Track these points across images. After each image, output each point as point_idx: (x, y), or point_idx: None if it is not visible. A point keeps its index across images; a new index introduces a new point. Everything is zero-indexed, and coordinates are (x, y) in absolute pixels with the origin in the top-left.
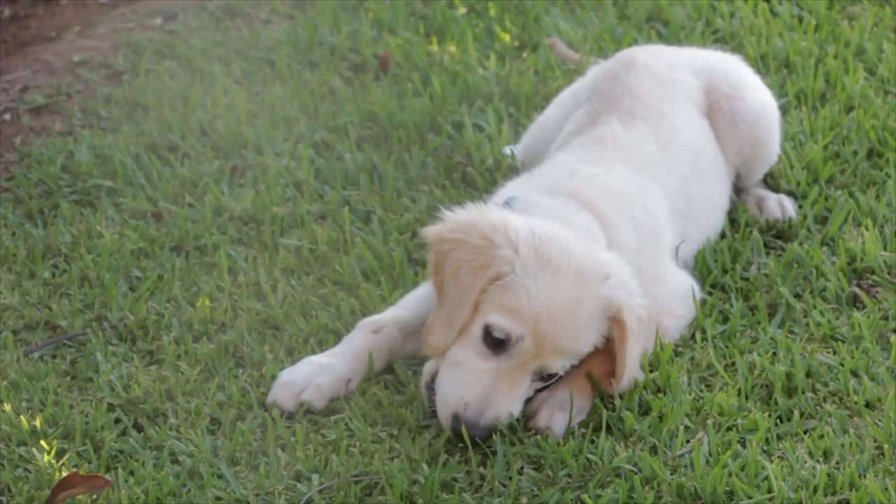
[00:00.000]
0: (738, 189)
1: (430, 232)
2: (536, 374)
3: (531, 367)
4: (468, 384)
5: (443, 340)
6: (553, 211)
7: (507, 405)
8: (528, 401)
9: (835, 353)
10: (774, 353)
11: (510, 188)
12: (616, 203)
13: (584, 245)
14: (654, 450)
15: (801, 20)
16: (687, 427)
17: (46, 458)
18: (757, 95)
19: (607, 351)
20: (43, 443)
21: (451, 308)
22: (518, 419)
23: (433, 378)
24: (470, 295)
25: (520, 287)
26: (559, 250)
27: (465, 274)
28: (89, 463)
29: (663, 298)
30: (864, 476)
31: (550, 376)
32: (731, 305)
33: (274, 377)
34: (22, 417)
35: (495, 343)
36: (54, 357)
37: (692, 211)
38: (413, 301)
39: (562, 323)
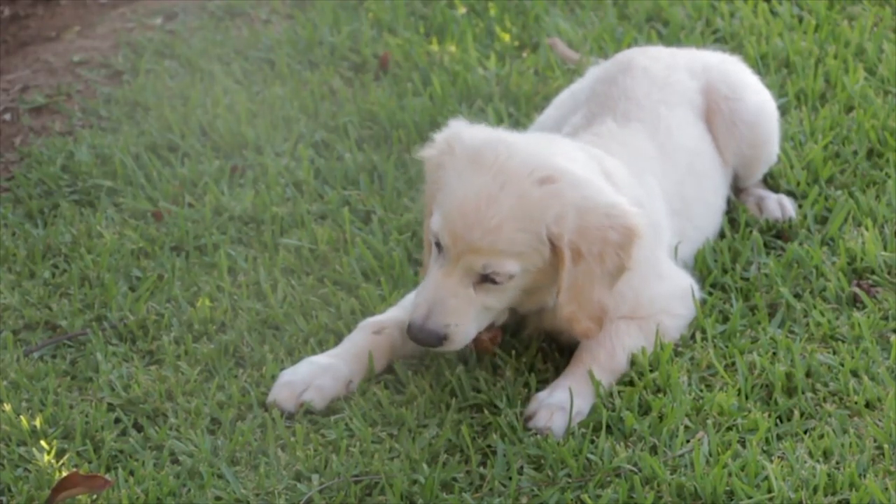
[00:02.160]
0: (738, 189)
1: (421, 155)
2: (475, 275)
3: (461, 266)
4: (419, 290)
5: (425, 258)
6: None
7: (456, 312)
8: (528, 401)
9: (835, 353)
10: (774, 353)
11: None
12: (615, 173)
13: (535, 147)
14: (654, 450)
15: (801, 20)
16: (687, 427)
17: (46, 458)
18: (756, 96)
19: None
20: (43, 443)
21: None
22: (517, 418)
23: None
24: (427, 207)
25: (445, 186)
26: (494, 149)
27: (427, 188)
28: (89, 463)
29: (663, 296)
30: (864, 476)
31: (496, 279)
32: (731, 305)
33: (274, 377)
34: (22, 417)
35: (438, 246)
36: (54, 357)
37: (689, 212)
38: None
39: (472, 219)
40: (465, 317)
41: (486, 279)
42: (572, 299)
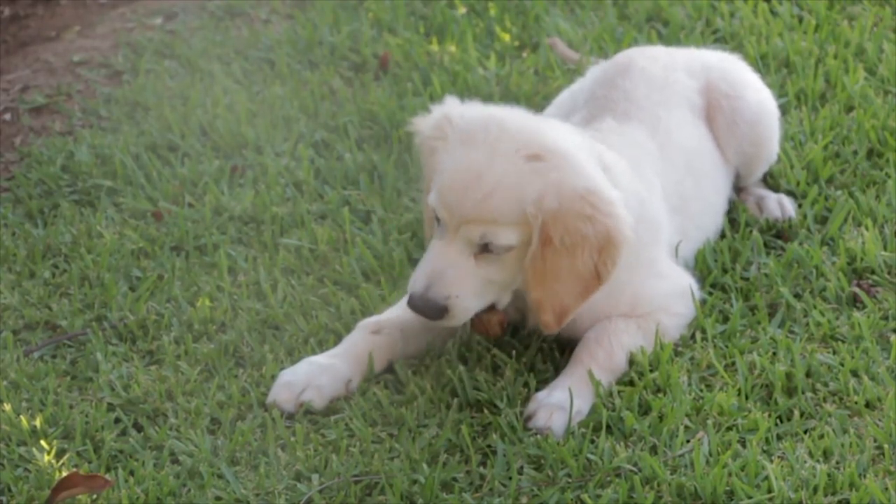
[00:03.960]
0: (738, 188)
1: (413, 128)
2: (473, 246)
3: (459, 237)
4: (420, 263)
5: (427, 235)
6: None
7: (457, 282)
8: (528, 401)
9: (835, 353)
10: (774, 353)
11: None
12: (615, 168)
13: (528, 124)
14: (654, 450)
15: (801, 20)
16: (687, 427)
17: (46, 458)
18: (756, 94)
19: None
20: (43, 443)
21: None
22: (518, 418)
23: None
24: (426, 185)
25: (440, 163)
26: (485, 128)
27: (424, 168)
28: (89, 463)
29: (662, 295)
30: (864, 476)
31: (494, 250)
32: (731, 305)
33: (274, 377)
34: (22, 417)
35: (438, 220)
36: (54, 357)
37: (689, 210)
38: None
39: (463, 191)
40: (466, 287)
41: (485, 249)
42: (538, 284)
